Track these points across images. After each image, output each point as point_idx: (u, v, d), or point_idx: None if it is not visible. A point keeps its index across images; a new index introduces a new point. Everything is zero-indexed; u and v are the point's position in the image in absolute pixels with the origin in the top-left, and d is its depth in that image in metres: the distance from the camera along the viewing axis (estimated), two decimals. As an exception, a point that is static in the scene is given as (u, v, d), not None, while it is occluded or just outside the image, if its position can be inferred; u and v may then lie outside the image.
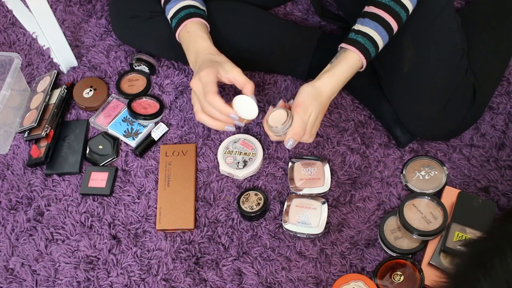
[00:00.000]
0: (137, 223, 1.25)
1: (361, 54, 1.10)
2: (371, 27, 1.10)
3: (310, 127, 1.10)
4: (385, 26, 1.10)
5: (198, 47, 1.15)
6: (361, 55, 1.10)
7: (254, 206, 1.22)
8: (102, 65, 1.47)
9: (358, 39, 1.10)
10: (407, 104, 1.23)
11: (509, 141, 1.31)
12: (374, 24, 1.09)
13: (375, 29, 1.09)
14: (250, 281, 1.17)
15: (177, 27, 1.19)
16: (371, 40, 1.10)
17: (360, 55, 1.10)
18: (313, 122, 1.10)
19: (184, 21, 1.17)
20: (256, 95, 1.38)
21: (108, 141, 1.34)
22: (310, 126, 1.10)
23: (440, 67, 1.20)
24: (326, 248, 1.20)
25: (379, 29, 1.10)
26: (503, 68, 1.36)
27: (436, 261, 1.15)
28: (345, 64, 1.11)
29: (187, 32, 1.17)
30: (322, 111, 1.11)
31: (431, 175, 1.25)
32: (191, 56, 1.17)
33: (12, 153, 1.35)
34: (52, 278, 1.20)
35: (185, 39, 1.18)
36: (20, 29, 1.55)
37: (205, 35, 1.17)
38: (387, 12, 1.09)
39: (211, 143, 1.33)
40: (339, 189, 1.26)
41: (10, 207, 1.28)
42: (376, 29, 1.09)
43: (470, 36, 1.28)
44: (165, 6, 1.22)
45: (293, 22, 1.46)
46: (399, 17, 1.10)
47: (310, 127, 1.10)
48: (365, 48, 1.10)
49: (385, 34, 1.11)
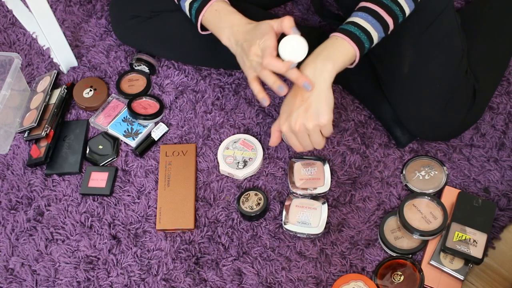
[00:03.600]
0: (137, 223, 1.25)
1: (355, 45, 1.06)
2: (367, 20, 1.07)
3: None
4: (381, 22, 1.07)
5: (232, 20, 1.14)
6: (355, 46, 1.06)
7: (254, 206, 1.22)
8: (102, 65, 1.47)
9: (352, 29, 1.07)
10: (407, 104, 1.23)
11: (509, 141, 1.31)
12: (370, 18, 1.07)
13: (370, 23, 1.07)
14: (250, 281, 1.17)
15: (200, 10, 1.16)
16: (366, 33, 1.07)
17: (354, 45, 1.06)
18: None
19: (209, 1, 1.16)
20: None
21: (108, 141, 1.34)
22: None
23: (440, 67, 1.20)
24: (326, 248, 1.20)
25: (374, 23, 1.07)
26: (503, 68, 1.36)
27: (436, 261, 1.15)
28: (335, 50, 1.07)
29: (215, 10, 1.15)
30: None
31: (431, 175, 1.25)
32: (225, 31, 1.14)
33: (12, 153, 1.35)
34: (52, 278, 1.20)
35: (213, 17, 1.16)
36: (20, 29, 1.55)
37: (235, 10, 1.15)
38: (384, 9, 1.07)
39: (211, 143, 1.33)
40: (339, 189, 1.26)
41: (10, 207, 1.28)
42: (371, 23, 1.07)
43: (470, 36, 1.28)
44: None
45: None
46: (396, 16, 1.08)
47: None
48: (360, 40, 1.06)
49: (381, 30, 1.08)
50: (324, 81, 1.05)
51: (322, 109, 1.06)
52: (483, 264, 1.14)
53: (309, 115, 1.07)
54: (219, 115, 1.37)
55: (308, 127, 1.07)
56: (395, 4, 1.07)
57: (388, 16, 1.07)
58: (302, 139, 1.10)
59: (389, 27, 1.09)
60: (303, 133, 1.09)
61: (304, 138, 1.10)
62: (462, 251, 1.13)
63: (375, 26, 1.07)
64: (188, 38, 1.32)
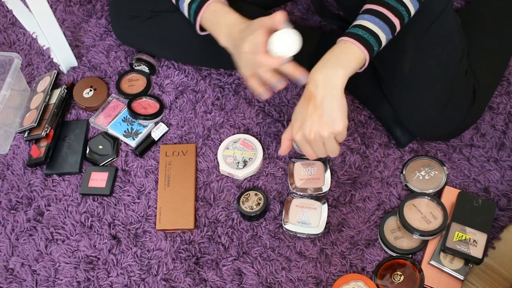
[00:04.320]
0: (137, 223, 1.25)
1: (365, 49, 1.04)
2: (374, 22, 1.05)
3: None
4: (388, 23, 1.06)
5: (229, 20, 1.14)
6: (364, 49, 1.04)
7: (254, 206, 1.22)
8: (102, 65, 1.47)
9: (360, 33, 1.04)
10: (407, 104, 1.23)
11: (509, 141, 1.31)
12: (377, 20, 1.05)
13: (378, 25, 1.05)
14: (250, 281, 1.17)
15: (198, 10, 1.17)
16: (375, 36, 1.05)
17: (363, 49, 1.04)
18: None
19: (206, 2, 1.16)
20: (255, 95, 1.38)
21: (108, 141, 1.34)
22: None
23: (440, 67, 1.20)
24: (326, 248, 1.20)
25: (382, 25, 1.05)
26: (503, 68, 1.36)
27: (436, 261, 1.15)
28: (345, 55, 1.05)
29: (213, 10, 1.16)
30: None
31: (431, 175, 1.25)
32: (222, 30, 1.15)
33: (12, 153, 1.35)
34: (52, 278, 1.20)
35: (211, 17, 1.16)
36: (20, 29, 1.55)
37: (232, 10, 1.16)
38: (390, 10, 1.05)
39: (211, 143, 1.33)
40: (339, 189, 1.26)
41: (10, 207, 1.28)
42: (379, 25, 1.05)
43: (470, 36, 1.28)
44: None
45: (293, 22, 1.46)
46: (402, 17, 1.07)
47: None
48: (369, 44, 1.04)
49: (389, 32, 1.06)
50: (336, 88, 1.02)
51: (336, 115, 1.03)
52: (483, 264, 1.14)
53: (323, 122, 1.03)
54: (219, 115, 1.37)
55: (323, 135, 1.04)
56: (400, 4, 1.05)
57: (394, 17, 1.06)
58: (317, 147, 1.07)
59: (396, 28, 1.07)
60: (318, 142, 1.06)
61: (319, 147, 1.07)
62: (462, 251, 1.13)
63: (382, 28, 1.05)
64: (188, 38, 1.32)
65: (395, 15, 1.06)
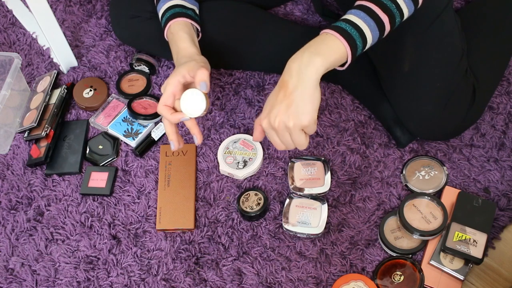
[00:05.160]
0: (137, 223, 1.25)
1: (346, 42, 0.98)
2: (360, 17, 1.01)
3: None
4: (375, 20, 1.02)
5: (178, 48, 1.14)
6: (345, 42, 0.98)
7: (254, 206, 1.22)
8: (102, 65, 1.47)
9: (342, 26, 0.99)
10: (407, 104, 1.23)
11: (509, 141, 1.31)
12: (362, 15, 1.01)
13: (363, 19, 1.01)
14: (250, 281, 1.17)
15: (164, 28, 1.18)
16: (359, 30, 1.00)
17: (344, 42, 0.98)
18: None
19: (169, 21, 1.16)
20: (255, 95, 1.38)
21: (108, 141, 1.34)
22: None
23: (440, 67, 1.20)
24: (326, 248, 1.20)
25: (367, 20, 1.01)
26: (503, 68, 1.36)
27: (436, 261, 1.15)
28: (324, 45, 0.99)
29: (171, 33, 1.16)
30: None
31: (431, 175, 1.25)
32: (173, 56, 1.16)
33: (12, 153, 1.35)
34: (52, 278, 1.20)
35: (169, 39, 1.17)
36: (20, 29, 1.55)
37: (186, 36, 1.14)
38: (379, 6, 1.01)
39: (211, 143, 1.33)
40: (339, 189, 1.26)
41: (10, 207, 1.28)
42: (364, 20, 1.01)
43: (470, 36, 1.28)
44: (156, 6, 1.21)
45: (293, 22, 1.46)
46: (392, 15, 1.02)
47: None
48: (351, 37, 0.99)
49: (375, 28, 1.02)
50: (309, 78, 0.97)
51: (305, 108, 0.97)
52: (483, 264, 1.14)
53: (290, 112, 0.98)
54: (219, 115, 1.37)
55: (288, 125, 0.99)
56: (391, 1, 1.02)
57: (383, 14, 1.02)
58: (283, 137, 1.03)
59: (385, 25, 1.03)
60: (283, 131, 1.01)
61: (285, 137, 1.02)
62: (462, 251, 1.13)
63: (368, 23, 1.01)
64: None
65: (384, 11, 1.02)
